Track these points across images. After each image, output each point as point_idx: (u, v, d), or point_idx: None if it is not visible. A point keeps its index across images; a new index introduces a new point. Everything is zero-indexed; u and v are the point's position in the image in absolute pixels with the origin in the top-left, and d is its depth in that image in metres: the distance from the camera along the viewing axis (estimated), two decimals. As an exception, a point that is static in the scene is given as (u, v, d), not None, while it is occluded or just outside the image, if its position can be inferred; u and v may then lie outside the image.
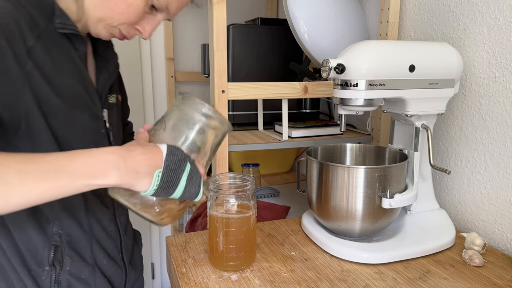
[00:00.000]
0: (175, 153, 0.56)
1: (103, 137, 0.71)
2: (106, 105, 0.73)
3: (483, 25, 0.84)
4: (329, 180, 0.75)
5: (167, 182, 0.55)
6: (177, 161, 0.56)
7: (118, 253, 0.76)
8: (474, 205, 0.88)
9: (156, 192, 0.54)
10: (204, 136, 0.61)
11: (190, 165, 0.57)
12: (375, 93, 0.72)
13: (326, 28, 1.06)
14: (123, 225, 0.77)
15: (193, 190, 0.58)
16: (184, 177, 0.56)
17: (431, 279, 0.68)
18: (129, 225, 0.83)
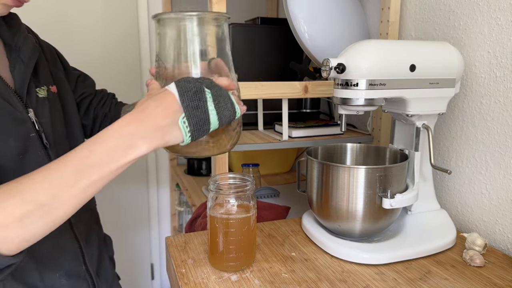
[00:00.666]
0: (188, 88, 0.50)
1: (34, 142, 0.63)
2: (33, 102, 0.64)
3: (484, 24, 0.83)
4: (330, 180, 0.75)
5: (196, 123, 0.50)
6: (194, 95, 0.50)
7: (80, 266, 0.71)
8: (475, 205, 0.88)
9: (194, 137, 0.50)
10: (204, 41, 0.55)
11: (210, 90, 0.51)
12: (376, 93, 0.72)
13: (327, 27, 1.05)
14: (82, 234, 0.72)
15: (227, 112, 0.52)
16: (211, 106, 0.50)
17: (432, 279, 0.68)
18: (92, 233, 0.77)
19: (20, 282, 0.61)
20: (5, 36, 0.65)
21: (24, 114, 0.62)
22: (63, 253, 0.68)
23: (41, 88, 0.68)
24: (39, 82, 0.68)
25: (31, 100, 0.64)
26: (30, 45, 0.67)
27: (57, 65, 0.78)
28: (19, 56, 0.64)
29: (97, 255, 0.77)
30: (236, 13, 1.79)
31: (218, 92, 0.52)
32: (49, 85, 0.71)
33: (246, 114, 1.24)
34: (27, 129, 0.62)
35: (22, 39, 0.66)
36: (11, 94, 0.60)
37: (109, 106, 0.88)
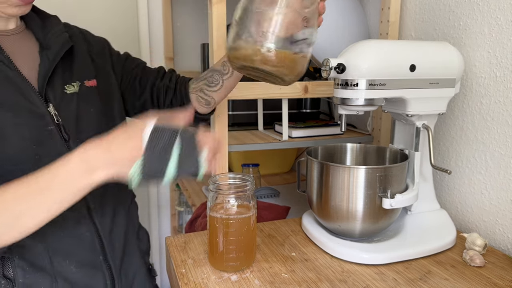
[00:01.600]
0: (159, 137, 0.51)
1: (53, 134, 0.67)
2: (57, 98, 0.69)
3: (483, 24, 0.83)
4: (330, 180, 0.75)
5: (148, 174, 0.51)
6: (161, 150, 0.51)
7: (97, 257, 0.71)
8: (475, 206, 0.88)
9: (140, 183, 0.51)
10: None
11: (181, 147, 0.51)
12: (376, 93, 0.71)
13: (326, 27, 1.05)
14: (106, 227, 0.73)
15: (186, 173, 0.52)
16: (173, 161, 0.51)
17: (432, 279, 0.67)
18: (119, 225, 0.77)
19: (28, 262, 0.64)
20: (39, 37, 0.71)
21: (43, 108, 0.66)
22: (78, 243, 0.69)
23: (71, 84, 0.71)
24: (70, 78, 0.72)
25: (55, 95, 0.69)
26: (60, 42, 0.71)
27: (104, 58, 0.81)
28: (47, 54, 0.69)
29: (122, 248, 0.77)
30: (236, 13, 1.79)
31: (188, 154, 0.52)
32: (84, 80, 0.74)
33: (246, 114, 1.25)
34: (45, 122, 0.66)
35: (53, 38, 0.70)
36: (30, 91, 0.65)
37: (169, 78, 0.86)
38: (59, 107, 0.69)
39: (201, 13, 1.83)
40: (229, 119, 1.19)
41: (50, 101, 0.68)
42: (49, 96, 0.68)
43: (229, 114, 1.17)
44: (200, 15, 1.83)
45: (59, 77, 0.70)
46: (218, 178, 0.72)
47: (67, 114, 0.70)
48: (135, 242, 0.82)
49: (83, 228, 0.70)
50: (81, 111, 0.72)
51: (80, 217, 0.70)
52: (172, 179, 0.52)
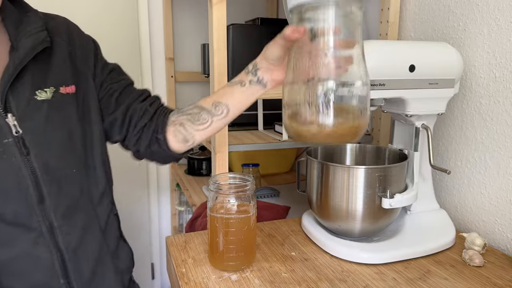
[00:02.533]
0: None
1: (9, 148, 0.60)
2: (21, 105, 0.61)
3: (483, 25, 0.84)
4: (329, 180, 0.75)
5: None
6: None
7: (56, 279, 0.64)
8: (474, 205, 0.88)
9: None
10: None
11: None
12: (375, 93, 0.72)
13: (326, 28, 1.05)
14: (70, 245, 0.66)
15: None
16: None
17: (431, 279, 0.68)
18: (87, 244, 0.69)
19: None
20: (12, 36, 0.63)
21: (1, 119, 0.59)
22: (34, 264, 0.63)
23: (43, 90, 0.64)
24: (44, 83, 0.64)
25: (18, 102, 0.61)
26: (29, 44, 0.62)
27: (87, 64, 0.73)
28: (14, 57, 0.61)
29: (92, 269, 0.69)
30: (236, 13, 1.80)
31: None
32: (61, 85, 0.66)
33: (246, 114, 1.25)
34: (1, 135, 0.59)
35: (24, 39, 0.62)
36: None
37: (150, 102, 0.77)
38: (23, 116, 0.61)
39: (201, 13, 1.83)
40: (229, 119, 1.19)
41: (11, 110, 0.60)
42: (10, 104, 0.60)
43: (229, 114, 1.17)
44: (200, 15, 1.83)
45: (27, 82, 0.62)
46: (218, 178, 0.72)
47: (31, 124, 0.62)
48: (110, 261, 0.74)
49: (41, 248, 0.63)
50: (51, 121, 0.64)
51: (38, 237, 0.63)
52: None
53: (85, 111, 0.70)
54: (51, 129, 0.64)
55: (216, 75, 0.88)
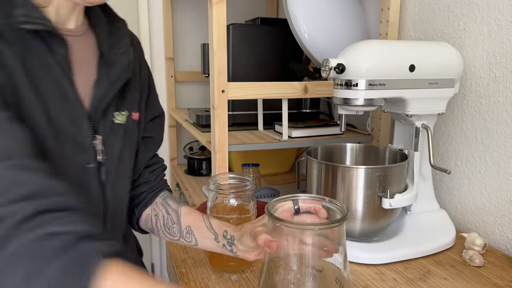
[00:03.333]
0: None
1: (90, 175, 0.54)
2: (106, 128, 0.55)
3: (483, 25, 0.84)
4: (329, 180, 0.75)
5: None
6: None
7: None
8: (474, 205, 0.88)
9: None
10: None
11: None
12: (375, 93, 0.72)
13: (326, 27, 1.05)
14: None
15: None
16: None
17: (431, 279, 0.68)
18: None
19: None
20: (103, 46, 0.57)
21: (88, 140, 0.53)
22: None
23: (121, 113, 0.58)
24: (121, 106, 0.59)
25: (105, 125, 0.55)
26: (125, 62, 0.57)
27: (144, 91, 0.67)
28: (108, 72, 0.55)
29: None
30: (236, 13, 1.80)
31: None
32: (132, 111, 0.61)
33: (246, 114, 1.25)
34: (86, 158, 0.53)
35: (119, 54, 0.57)
36: (80, 116, 0.52)
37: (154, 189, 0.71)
38: (107, 140, 0.55)
39: (201, 12, 1.83)
40: (229, 119, 1.19)
41: (99, 131, 0.54)
42: (98, 125, 0.54)
43: (229, 114, 1.17)
44: (200, 15, 1.83)
45: (112, 103, 0.57)
46: (218, 178, 0.72)
47: (112, 150, 0.56)
48: None
49: None
50: (124, 150, 0.59)
51: None
52: None
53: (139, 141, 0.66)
54: (124, 157, 0.59)
55: (216, 75, 0.88)
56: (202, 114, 1.25)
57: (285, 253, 0.53)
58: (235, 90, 0.91)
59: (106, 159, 0.55)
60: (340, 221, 0.52)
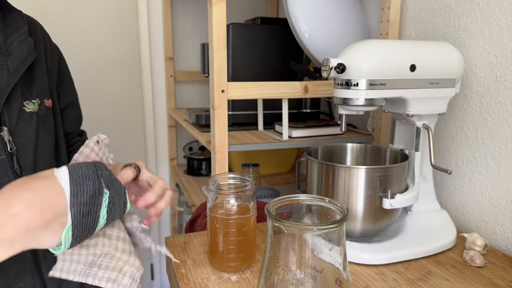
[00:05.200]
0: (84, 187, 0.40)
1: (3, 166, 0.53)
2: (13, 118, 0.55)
3: (484, 24, 0.83)
4: (330, 180, 0.75)
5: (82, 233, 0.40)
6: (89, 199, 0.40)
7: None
8: (475, 206, 0.88)
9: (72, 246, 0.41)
10: None
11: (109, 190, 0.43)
12: (376, 93, 0.71)
13: (327, 27, 1.05)
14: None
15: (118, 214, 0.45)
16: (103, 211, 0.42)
17: (432, 279, 0.67)
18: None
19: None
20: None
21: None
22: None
23: (31, 101, 0.58)
24: (30, 95, 0.58)
25: (11, 115, 0.55)
26: (24, 50, 0.57)
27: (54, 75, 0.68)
28: (6, 62, 0.55)
29: None
30: (236, 12, 1.80)
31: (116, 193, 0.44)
32: (44, 98, 0.61)
33: (246, 114, 1.24)
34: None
35: (16, 43, 0.56)
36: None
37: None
38: (16, 130, 0.55)
39: (201, 12, 1.83)
40: (229, 119, 1.19)
41: (5, 123, 0.54)
42: (3, 116, 0.54)
43: (229, 114, 1.17)
44: (200, 15, 1.83)
45: (17, 92, 0.56)
46: (218, 178, 0.72)
47: (24, 140, 0.56)
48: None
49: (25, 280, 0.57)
50: (40, 137, 0.58)
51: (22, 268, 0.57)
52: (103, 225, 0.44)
53: (57, 127, 0.66)
54: (40, 146, 0.58)
55: (216, 74, 0.88)
56: (202, 114, 1.24)
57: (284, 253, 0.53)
58: (235, 90, 0.91)
59: (17, 149, 0.55)
60: (340, 221, 0.52)
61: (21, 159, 0.55)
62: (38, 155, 0.58)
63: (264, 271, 0.55)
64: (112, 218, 0.45)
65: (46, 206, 0.38)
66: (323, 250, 0.52)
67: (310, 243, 0.52)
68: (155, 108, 1.83)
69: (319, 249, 0.52)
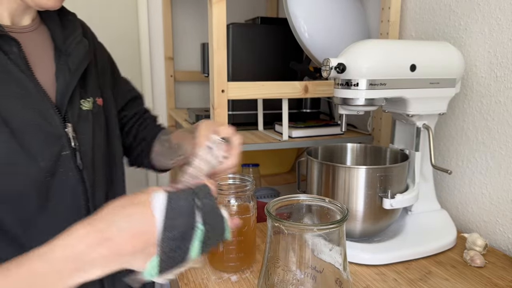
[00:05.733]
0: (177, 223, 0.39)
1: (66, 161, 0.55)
2: (75, 116, 0.58)
3: (484, 24, 0.83)
4: (330, 180, 0.75)
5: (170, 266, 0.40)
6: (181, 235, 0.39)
7: None
8: (475, 206, 0.88)
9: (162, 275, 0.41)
10: None
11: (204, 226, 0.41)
12: (376, 93, 0.71)
13: (326, 27, 1.05)
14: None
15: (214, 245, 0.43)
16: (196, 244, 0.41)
17: (432, 280, 0.67)
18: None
19: None
20: (57, 39, 0.60)
21: (60, 129, 0.55)
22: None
23: (86, 99, 0.61)
24: (85, 93, 0.62)
25: (73, 113, 0.58)
26: (82, 51, 0.60)
27: (106, 76, 0.71)
28: (67, 62, 0.58)
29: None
30: (236, 12, 1.79)
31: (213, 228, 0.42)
32: (95, 97, 0.64)
33: (246, 114, 1.24)
34: (61, 147, 0.55)
35: (74, 44, 0.60)
36: (48, 107, 0.54)
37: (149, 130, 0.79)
38: (77, 127, 0.58)
39: (201, 12, 1.82)
40: (229, 119, 1.19)
41: (69, 119, 0.57)
42: (67, 114, 0.57)
43: (229, 114, 1.17)
44: (200, 14, 1.82)
45: (76, 91, 0.59)
46: (218, 178, 0.72)
47: (84, 136, 0.59)
48: None
49: None
50: (95, 134, 0.61)
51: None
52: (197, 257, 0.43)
53: (108, 124, 0.68)
54: (96, 142, 0.61)
55: (216, 74, 0.88)
56: (202, 114, 1.24)
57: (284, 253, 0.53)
58: (235, 90, 0.91)
59: (79, 145, 0.58)
60: (340, 222, 0.52)
61: (82, 155, 0.58)
62: (95, 152, 0.61)
63: (264, 271, 0.55)
64: (207, 251, 0.43)
65: (137, 234, 0.39)
66: (323, 250, 0.52)
67: (310, 243, 0.52)
68: (155, 108, 1.82)
69: (319, 249, 0.52)
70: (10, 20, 0.56)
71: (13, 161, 0.50)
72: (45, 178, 0.53)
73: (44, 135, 0.54)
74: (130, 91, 0.80)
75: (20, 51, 0.54)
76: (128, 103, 0.79)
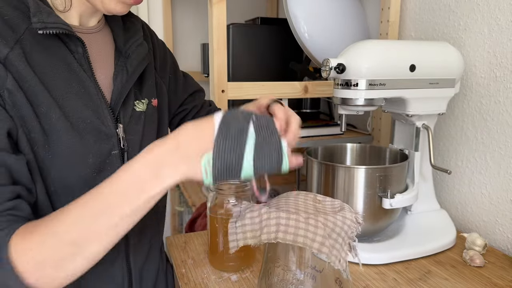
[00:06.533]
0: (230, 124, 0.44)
1: (115, 160, 0.58)
2: (127, 117, 0.60)
3: (483, 24, 0.83)
4: (330, 180, 0.75)
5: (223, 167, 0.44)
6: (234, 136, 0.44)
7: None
8: (475, 205, 0.88)
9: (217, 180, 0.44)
10: None
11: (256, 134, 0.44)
12: (376, 93, 0.71)
13: (326, 27, 1.05)
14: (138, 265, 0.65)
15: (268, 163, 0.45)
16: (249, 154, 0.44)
17: (432, 279, 0.68)
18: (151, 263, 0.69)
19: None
20: (118, 41, 0.62)
21: (112, 129, 0.57)
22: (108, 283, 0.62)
23: (141, 101, 0.63)
24: (141, 95, 0.63)
25: (125, 114, 0.60)
26: (141, 53, 0.62)
27: (164, 76, 0.72)
28: (125, 64, 0.60)
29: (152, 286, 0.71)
30: (236, 13, 1.80)
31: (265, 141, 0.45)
32: (151, 98, 0.65)
33: (246, 114, 1.24)
34: (111, 146, 0.57)
35: (134, 47, 0.62)
36: (103, 107, 0.56)
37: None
38: (127, 128, 0.59)
39: (201, 12, 1.83)
40: (229, 119, 1.19)
41: (121, 120, 0.59)
42: (120, 114, 0.59)
43: (229, 114, 1.17)
44: (200, 15, 1.83)
45: (131, 92, 0.61)
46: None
47: (133, 137, 0.60)
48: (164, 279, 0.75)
49: (117, 270, 0.62)
50: (145, 135, 0.63)
51: (116, 257, 0.62)
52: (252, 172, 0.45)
53: (162, 126, 0.70)
54: (145, 143, 0.61)
55: (216, 74, 0.88)
56: (202, 114, 1.24)
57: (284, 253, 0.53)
58: (235, 90, 0.91)
59: (128, 145, 0.60)
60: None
61: (129, 155, 0.60)
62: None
63: (264, 271, 0.56)
64: (261, 168, 0.45)
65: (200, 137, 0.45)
66: None
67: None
68: (155, 108, 1.83)
69: None
70: (78, 21, 0.58)
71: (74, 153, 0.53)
72: (92, 175, 0.55)
73: (97, 133, 0.56)
74: (191, 86, 0.81)
75: (85, 51, 0.56)
76: (188, 98, 0.80)
